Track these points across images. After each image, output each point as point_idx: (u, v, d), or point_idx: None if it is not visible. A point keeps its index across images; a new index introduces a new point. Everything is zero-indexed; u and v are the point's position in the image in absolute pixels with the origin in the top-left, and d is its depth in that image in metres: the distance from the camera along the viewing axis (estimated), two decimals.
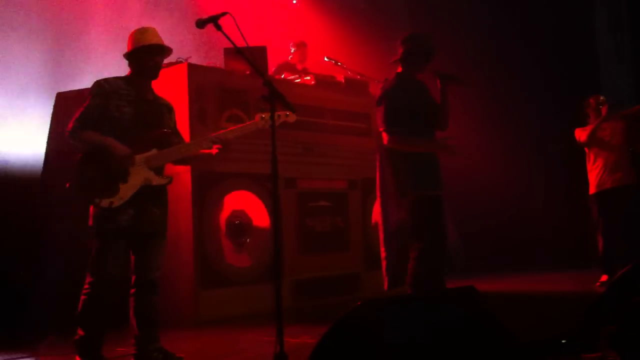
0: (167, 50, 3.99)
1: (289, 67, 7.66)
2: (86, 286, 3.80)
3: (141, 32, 3.96)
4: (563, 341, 3.63)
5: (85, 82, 5.42)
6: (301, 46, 7.91)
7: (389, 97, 4.56)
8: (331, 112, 6.98)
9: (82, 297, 3.81)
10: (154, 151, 3.88)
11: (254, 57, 6.20)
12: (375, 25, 8.45)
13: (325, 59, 7.49)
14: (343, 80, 7.21)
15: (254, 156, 5.92)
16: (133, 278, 3.96)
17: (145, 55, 3.90)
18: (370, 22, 8.59)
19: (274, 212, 3.48)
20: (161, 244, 4.00)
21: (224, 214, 5.95)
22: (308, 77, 6.90)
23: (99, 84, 3.87)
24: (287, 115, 3.99)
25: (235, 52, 3.67)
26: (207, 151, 4.01)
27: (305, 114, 6.65)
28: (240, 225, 6.05)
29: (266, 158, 3.50)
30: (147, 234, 3.90)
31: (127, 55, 3.95)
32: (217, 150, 3.97)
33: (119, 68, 4.35)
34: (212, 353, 4.51)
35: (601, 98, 6.86)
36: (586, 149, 6.86)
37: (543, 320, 4.71)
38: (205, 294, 5.70)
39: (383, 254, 4.77)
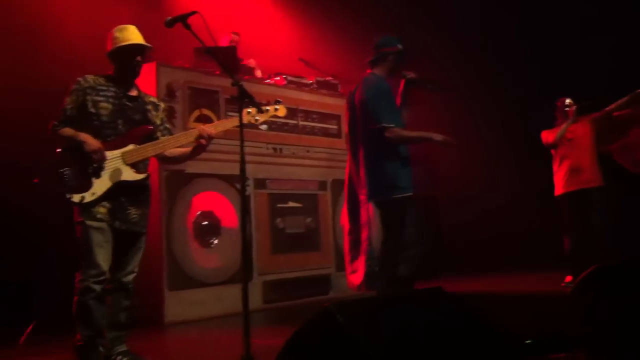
0: (147, 49, 3.94)
1: None
2: (77, 284, 3.72)
3: (120, 30, 3.90)
4: (528, 341, 3.65)
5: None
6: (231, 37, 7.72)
7: (379, 95, 4.56)
8: (302, 112, 6.99)
9: (75, 298, 3.72)
10: (130, 147, 3.82)
11: (224, 56, 6.26)
12: (348, 27, 8.44)
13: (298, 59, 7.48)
14: (314, 81, 7.22)
15: (222, 157, 5.90)
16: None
17: (126, 54, 3.86)
18: (342, 23, 8.58)
19: (242, 212, 3.46)
20: (138, 246, 3.93)
21: (192, 215, 5.93)
22: (278, 77, 6.88)
23: (76, 81, 3.85)
24: (276, 110, 3.94)
25: (205, 52, 3.63)
26: (188, 149, 3.97)
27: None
28: (208, 226, 6.03)
29: (235, 159, 3.49)
30: (123, 232, 3.82)
31: (108, 54, 3.92)
32: (198, 143, 3.89)
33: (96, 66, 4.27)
34: (179, 355, 4.48)
35: (567, 101, 6.93)
36: (552, 151, 6.94)
37: (509, 321, 4.74)
38: (174, 295, 5.66)
39: (365, 254, 4.74)
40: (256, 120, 3.80)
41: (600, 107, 6.95)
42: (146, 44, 3.90)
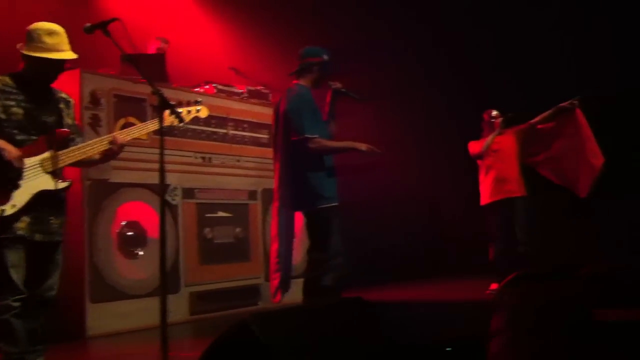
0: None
1: None
2: None
3: (50, 34, 3.61)
4: (448, 349, 3.69)
5: None
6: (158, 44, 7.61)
7: (302, 105, 4.58)
8: (232, 121, 6.94)
9: None
10: (49, 153, 3.60)
11: (151, 64, 6.16)
12: (280, 36, 8.45)
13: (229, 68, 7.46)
14: (245, 90, 7.18)
15: (149, 166, 5.79)
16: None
17: (53, 66, 3.63)
18: (274, 32, 8.58)
19: (161, 221, 3.40)
20: (57, 257, 3.74)
21: (117, 226, 5.80)
22: (207, 86, 6.82)
23: None
24: (197, 111, 3.86)
25: (125, 60, 3.56)
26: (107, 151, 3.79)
27: (204, 123, 6.59)
28: (133, 237, 5.91)
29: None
30: (42, 244, 3.62)
31: (29, 56, 3.60)
32: (109, 150, 3.76)
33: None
34: None
35: (494, 113, 7.13)
36: (479, 161, 7.11)
37: (430, 328, 4.81)
38: (96, 307, 5.52)
39: (275, 266, 4.73)
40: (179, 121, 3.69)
41: (525, 120, 7.17)
42: (74, 54, 3.68)
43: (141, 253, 5.95)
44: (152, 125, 3.81)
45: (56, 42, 3.62)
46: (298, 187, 4.60)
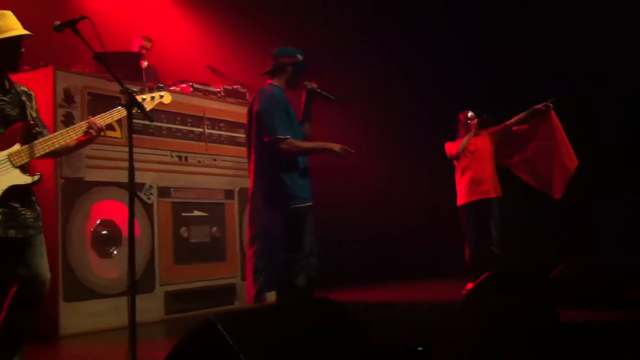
0: (28, 37, 3.63)
1: None
2: None
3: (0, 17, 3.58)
4: (420, 348, 3.72)
5: None
6: (141, 41, 7.53)
7: (274, 106, 4.58)
8: (208, 120, 6.91)
9: None
10: (17, 146, 3.52)
11: (124, 63, 6.13)
12: (257, 36, 8.45)
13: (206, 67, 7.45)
14: (221, 89, 7.17)
15: (124, 164, 5.72)
16: (14, 290, 3.59)
17: (10, 46, 3.55)
18: (251, 31, 8.58)
19: (129, 219, 3.39)
20: (42, 250, 3.67)
21: (91, 224, 5.75)
22: (184, 84, 6.80)
23: None
24: (161, 97, 3.84)
25: (93, 58, 3.54)
26: (80, 139, 3.74)
27: (181, 122, 6.57)
28: (108, 236, 5.86)
29: (138, 167, 3.43)
30: (19, 240, 3.55)
31: None
32: (88, 135, 3.70)
33: None
34: None
35: (470, 114, 7.18)
36: (455, 162, 7.16)
37: (406, 328, 4.84)
38: (70, 306, 5.47)
39: (255, 267, 4.73)
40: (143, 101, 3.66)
41: (499, 121, 7.22)
42: (29, 32, 3.61)
43: (115, 252, 5.91)
44: (120, 112, 3.72)
45: (5, 23, 3.57)
46: (272, 187, 4.60)
